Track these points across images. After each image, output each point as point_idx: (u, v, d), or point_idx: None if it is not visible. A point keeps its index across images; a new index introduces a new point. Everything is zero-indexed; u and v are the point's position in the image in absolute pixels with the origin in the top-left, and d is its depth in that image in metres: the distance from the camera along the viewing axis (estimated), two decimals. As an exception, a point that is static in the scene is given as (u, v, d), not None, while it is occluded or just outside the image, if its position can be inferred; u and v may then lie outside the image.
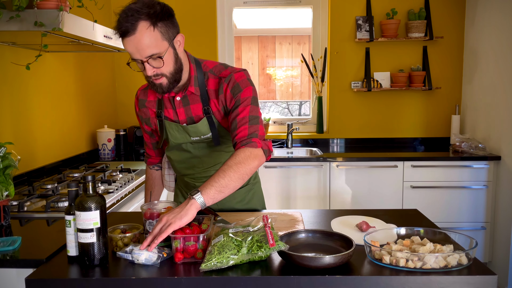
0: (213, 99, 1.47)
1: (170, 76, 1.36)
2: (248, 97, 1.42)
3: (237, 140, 1.38)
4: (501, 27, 2.90)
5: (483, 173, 3.00)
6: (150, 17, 1.27)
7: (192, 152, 1.55)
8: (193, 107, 1.48)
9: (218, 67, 1.48)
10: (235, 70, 1.46)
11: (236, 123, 1.40)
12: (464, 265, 1.10)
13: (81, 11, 1.90)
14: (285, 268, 1.13)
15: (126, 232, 1.26)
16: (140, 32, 1.26)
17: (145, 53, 1.28)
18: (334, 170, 3.07)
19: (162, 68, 1.32)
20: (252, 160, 1.33)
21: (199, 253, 1.17)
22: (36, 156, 2.38)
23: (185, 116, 1.50)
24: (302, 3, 3.62)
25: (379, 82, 3.45)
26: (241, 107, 1.41)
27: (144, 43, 1.27)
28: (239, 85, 1.43)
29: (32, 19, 1.56)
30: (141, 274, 1.10)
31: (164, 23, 1.30)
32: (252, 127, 1.39)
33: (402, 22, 3.44)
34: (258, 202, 1.73)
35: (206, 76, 1.47)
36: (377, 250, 1.14)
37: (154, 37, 1.28)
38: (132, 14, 1.26)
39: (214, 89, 1.46)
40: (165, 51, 1.31)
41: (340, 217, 1.52)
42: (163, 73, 1.34)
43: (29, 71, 2.17)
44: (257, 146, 1.37)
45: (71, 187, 1.18)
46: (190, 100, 1.48)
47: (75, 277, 1.11)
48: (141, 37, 1.26)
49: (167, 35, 1.31)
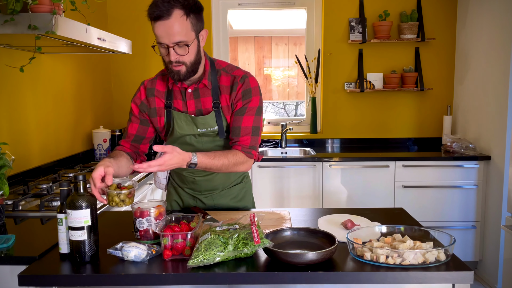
0: (224, 94, 1.55)
1: (190, 65, 1.46)
2: (255, 107, 1.55)
3: (239, 144, 1.54)
4: (491, 29, 2.95)
5: (473, 172, 3.04)
6: (185, 7, 1.38)
7: (195, 146, 1.59)
8: (203, 100, 1.55)
9: (230, 66, 1.59)
10: (247, 73, 1.57)
11: (240, 131, 1.54)
12: (442, 261, 1.14)
13: (75, 14, 1.94)
14: (270, 264, 1.17)
15: (122, 188, 1.28)
16: (174, 18, 1.36)
17: (174, 39, 1.38)
18: (327, 170, 3.11)
19: (185, 56, 1.42)
20: (242, 167, 1.54)
21: (187, 250, 1.21)
22: (32, 156, 2.41)
23: (195, 108, 1.56)
24: (296, 4, 3.66)
25: (372, 83, 3.49)
26: (247, 116, 1.54)
27: (175, 29, 1.37)
28: (251, 91, 1.54)
29: (26, 23, 1.59)
30: (130, 271, 1.14)
31: (195, 15, 1.41)
32: (253, 139, 1.55)
33: (395, 23, 3.48)
34: (249, 201, 1.79)
35: (219, 73, 1.57)
36: (359, 247, 1.18)
37: (185, 25, 1.39)
38: (168, 1, 1.36)
39: (226, 85, 1.55)
40: (192, 41, 1.41)
41: (327, 216, 1.56)
42: (184, 61, 1.44)
43: (24, 72, 2.20)
44: (253, 157, 1.56)
45: (62, 186, 1.22)
46: (201, 93, 1.55)
47: (66, 273, 1.15)
48: (174, 23, 1.36)
49: (195, 27, 1.42)
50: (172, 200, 1.76)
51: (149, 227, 1.29)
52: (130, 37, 3.37)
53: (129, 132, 1.62)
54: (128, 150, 1.62)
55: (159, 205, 1.34)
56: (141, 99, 1.61)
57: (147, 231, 1.30)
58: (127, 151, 1.60)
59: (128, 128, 1.63)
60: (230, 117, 1.57)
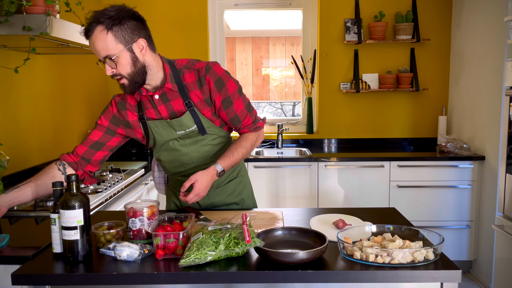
0: (193, 91, 1.54)
1: (129, 77, 1.45)
2: (235, 90, 1.57)
3: (244, 126, 1.63)
4: (486, 30, 2.97)
5: (467, 173, 3.06)
6: (107, 21, 1.37)
7: (180, 150, 1.60)
8: (174, 103, 1.55)
9: (190, 62, 1.57)
10: (209, 62, 1.56)
11: (239, 118, 1.60)
12: (430, 260, 1.16)
13: (69, 16, 1.95)
14: (261, 264, 1.18)
15: (112, 229, 1.31)
16: (95, 35, 1.38)
17: (100, 54, 1.40)
18: (323, 170, 3.12)
19: (118, 69, 1.42)
20: (258, 141, 1.68)
21: (179, 250, 1.22)
22: (27, 157, 2.42)
23: (167, 112, 1.56)
24: (292, 5, 3.68)
25: (367, 84, 3.51)
26: (236, 103, 1.57)
27: (98, 45, 1.38)
28: (222, 79, 1.54)
29: (21, 24, 1.61)
30: (122, 270, 1.15)
31: (121, 27, 1.39)
32: (252, 115, 1.64)
33: (390, 24, 3.50)
34: (248, 194, 1.80)
35: (181, 72, 1.55)
36: (349, 246, 1.20)
37: (107, 40, 1.38)
38: (93, 19, 1.38)
39: (192, 81, 1.54)
40: (118, 53, 1.39)
41: (319, 215, 1.58)
42: (121, 74, 1.44)
43: (20, 73, 2.21)
44: (261, 127, 1.68)
45: (55, 186, 1.23)
46: (170, 96, 1.54)
47: (59, 272, 1.16)
48: (96, 40, 1.38)
49: (122, 38, 1.39)
50: (171, 202, 1.78)
51: (142, 226, 1.31)
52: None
53: (90, 137, 1.60)
54: (71, 159, 1.59)
55: (152, 205, 1.35)
56: (112, 112, 1.60)
57: (140, 230, 1.31)
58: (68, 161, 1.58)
59: (90, 135, 1.61)
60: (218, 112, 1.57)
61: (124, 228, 1.33)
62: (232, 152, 1.58)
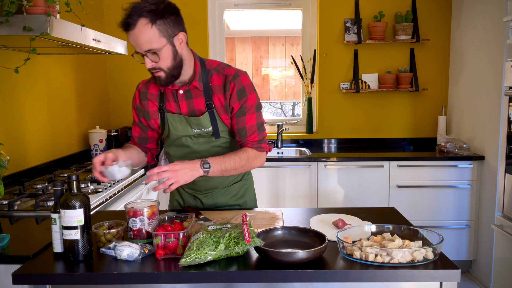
0: (217, 95, 1.55)
1: (168, 71, 1.45)
2: (253, 105, 1.57)
3: (248, 142, 1.58)
4: (485, 30, 2.97)
5: (467, 172, 3.06)
6: (150, 14, 1.37)
7: (191, 147, 1.60)
8: (196, 101, 1.56)
9: (221, 65, 1.58)
10: (239, 70, 1.57)
11: (246, 131, 1.57)
12: (430, 259, 1.16)
13: (70, 16, 1.95)
14: (261, 263, 1.18)
15: (112, 228, 1.32)
16: (139, 28, 1.37)
17: (143, 47, 1.40)
18: (323, 170, 3.13)
19: (159, 62, 1.43)
20: (256, 162, 1.58)
21: (179, 249, 1.22)
22: (28, 157, 2.42)
23: (188, 109, 1.57)
24: (292, 5, 3.68)
25: (367, 84, 3.51)
26: (249, 115, 1.56)
27: (142, 38, 1.38)
28: (245, 89, 1.55)
29: (21, 24, 1.61)
30: (123, 270, 1.15)
31: (164, 21, 1.40)
32: (261, 134, 1.60)
33: (390, 24, 3.50)
34: (250, 197, 1.80)
35: (210, 73, 1.56)
36: (349, 246, 1.20)
37: (151, 34, 1.38)
38: (134, 11, 1.37)
39: (218, 85, 1.55)
40: (162, 47, 1.40)
41: (319, 215, 1.58)
42: (160, 68, 1.44)
43: (21, 73, 2.22)
44: (265, 150, 1.61)
45: (56, 186, 1.23)
46: (193, 94, 1.56)
47: (60, 272, 1.16)
48: (139, 33, 1.37)
49: (165, 32, 1.40)
50: (174, 200, 1.78)
51: (142, 226, 1.31)
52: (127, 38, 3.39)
53: (133, 134, 1.71)
54: (138, 146, 1.71)
55: (152, 204, 1.35)
56: (136, 103, 1.65)
57: (140, 230, 1.31)
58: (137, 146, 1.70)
59: (132, 130, 1.71)
60: (231, 119, 1.58)
61: (124, 228, 1.34)
62: (225, 156, 1.51)
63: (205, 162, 1.44)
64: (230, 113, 1.57)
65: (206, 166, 1.44)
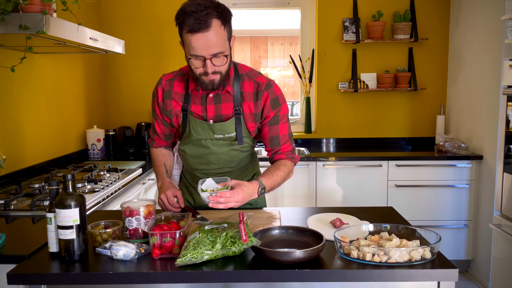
0: (247, 102, 1.53)
1: (225, 74, 1.43)
2: (285, 114, 1.59)
3: (282, 153, 1.60)
4: (483, 29, 2.97)
5: (465, 172, 3.06)
6: (221, 16, 1.32)
7: (210, 148, 1.58)
8: (224, 106, 1.53)
9: (253, 72, 1.56)
10: (270, 80, 1.56)
11: (279, 140, 1.59)
12: (427, 259, 1.15)
13: (66, 14, 1.94)
14: (258, 262, 1.18)
15: (108, 228, 1.31)
16: (213, 29, 1.30)
17: (213, 50, 1.33)
18: (321, 170, 3.12)
19: (222, 66, 1.39)
20: (291, 173, 1.62)
21: (176, 249, 1.21)
22: (25, 156, 2.41)
23: (214, 113, 1.54)
24: (290, 5, 3.67)
25: (365, 83, 3.51)
26: (282, 124, 1.58)
27: (214, 41, 1.31)
28: (279, 99, 1.55)
29: (17, 23, 1.60)
30: (119, 269, 1.15)
31: (229, 23, 1.37)
32: (292, 144, 1.63)
33: (388, 24, 3.50)
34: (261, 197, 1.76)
35: (242, 78, 1.53)
36: (346, 245, 1.19)
37: (223, 36, 1.34)
38: (206, 12, 1.29)
39: (250, 92, 1.53)
40: (228, 50, 1.38)
41: (316, 215, 1.57)
42: (220, 71, 1.40)
43: (17, 72, 2.21)
44: (296, 161, 1.64)
45: (51, 185, 1.22)
46: (223, 99, 1.53)
47: (55, 272, 1.15)
48: (213, 35, 1.31)
49: (228, 35, 1.38)
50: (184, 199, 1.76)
51: (139, 226, 1.30)
52: (124, 37, 3.38)
53: (158, 131, 1.68)
54: (165, 144, 1.71)
55: (149, 204, 1.34)
56: (158, 101, 1.60)
57: (137, 230, 1.30)
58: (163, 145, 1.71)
59: (156, 127, 1.67)
60: (261, 127, 1.57)
61: (120, 227, 1.33)
62: (272, 173, 1.51)
63: (262, 188, 1.46)
64: (259, 121, 1.55)
65: (262, 191, 1.47)
